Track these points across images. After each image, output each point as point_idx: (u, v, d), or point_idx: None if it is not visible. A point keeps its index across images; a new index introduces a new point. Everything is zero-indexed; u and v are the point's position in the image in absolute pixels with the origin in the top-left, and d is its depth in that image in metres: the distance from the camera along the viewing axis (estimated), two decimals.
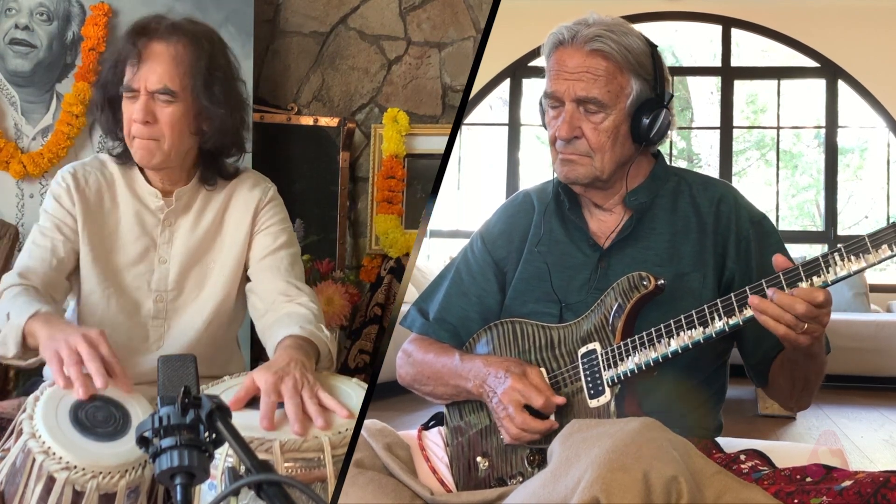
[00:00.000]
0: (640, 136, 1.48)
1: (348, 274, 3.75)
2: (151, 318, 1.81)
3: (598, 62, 1.44)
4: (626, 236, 1.51)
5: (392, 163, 3.76)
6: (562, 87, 1.46)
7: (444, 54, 3.94)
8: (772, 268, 1.30)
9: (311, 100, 3.93)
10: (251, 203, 1.86)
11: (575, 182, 1.51)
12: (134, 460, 1.40)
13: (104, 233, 1.80)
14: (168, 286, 1.82)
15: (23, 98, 3.32)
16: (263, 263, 1.84)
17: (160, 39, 1.73)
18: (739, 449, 1.44)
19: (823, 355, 1.41)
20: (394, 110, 3.78)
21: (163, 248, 1.82)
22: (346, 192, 3.79)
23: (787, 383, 1.46)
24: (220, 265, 1.84)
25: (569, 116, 1.46)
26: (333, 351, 1.69)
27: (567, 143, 1.47)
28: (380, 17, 3.94)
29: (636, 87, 1.46)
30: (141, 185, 1.82)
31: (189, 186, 1.83)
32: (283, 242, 1.86)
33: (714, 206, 1.51)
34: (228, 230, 1.86)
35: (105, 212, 1.81)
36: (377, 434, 1.51)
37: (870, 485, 1.15)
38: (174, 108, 1.72)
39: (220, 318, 1.85)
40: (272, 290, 1.80)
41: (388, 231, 3.75)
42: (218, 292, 1.84)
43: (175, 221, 1.83)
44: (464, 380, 1.50)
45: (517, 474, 1.46)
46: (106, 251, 1.80)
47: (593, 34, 1.44)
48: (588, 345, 1.43)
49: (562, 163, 1.49)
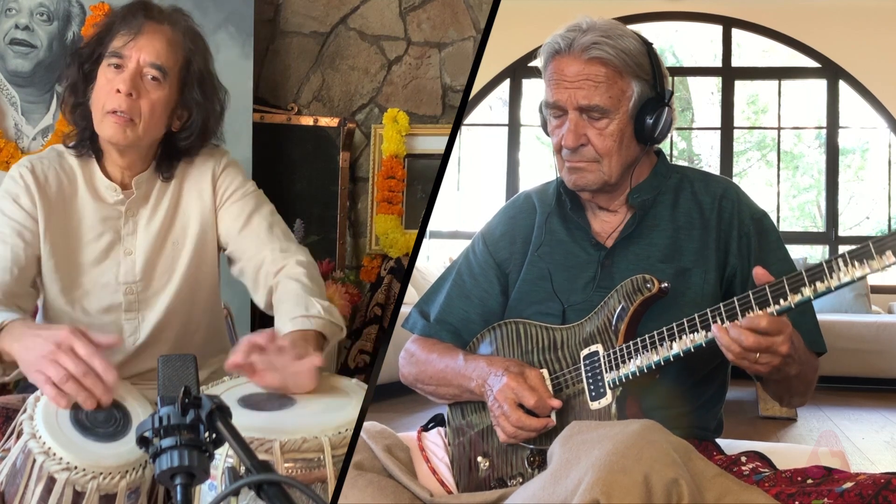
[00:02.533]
0: (645, 136, 1.48)
1: (348, 274, 3.75)
2: (124, 312, 1.75)
3: (598, 69, 1.44)
4: (630, 234, 1.51)
5: (392, 163, 3.76)
6: (563, 96, 1.45)
7: (444, 54, 3.93)
8: (770, 266, 1.30)
9: (312, 100, 3.93)
10: (206, 175, 1.78)
11: (584, 189, 1.50)
12: (134, 461, 1.39)
13: (66, 231, 1.72)
14: (136, 277, 1.75)
15: (23, 98, 3.32)
16: (241, 238, 1.77)
17: (162, 20, 1.70)
18: (740, 451, 1.43)
19: (809, 368, 1.40)
20: (394, 110, 3.78)
21: (127, 239, 1.75)
22: (346, 192, 3.79)
23: (777, 388, 1.47)
24: (186, 246, 1.78)
25: (573, 125, 1.45)
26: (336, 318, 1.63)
27: (573, 151, 1.47)
28: (380, 17, 3.94)
29: (637, 89, 1.46)
30: (99, 179, 1.74)
31: (147, 174, 1.76)
32: (251, 209, 1.78)
33: (716, 202, 1.51)
34: (189, 208, 1.78)
35: (66, 209, 1.72)
36: (377, 436, 1.50)
37: (871, 487, 1.15)
38: (160, 91, 1.67)
39: (197, 299, 1.79)
40: (260, 264, 1.74)
41: (388, 231, 3.75)
42: (187, 273, 1.77)
43: (137, 211, 1.76)
44: (467, 379, 1.50)
45: (517, 475, 1.46)
46: (68, 251, 1.72)
47: (590, 42, 1.43)
48: (590, 346, 1.43)
49: (570, 171, 1.49)
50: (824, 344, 1.46)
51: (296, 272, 1.71)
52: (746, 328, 1.25)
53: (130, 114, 1.65)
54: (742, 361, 1.28)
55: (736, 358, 1.28)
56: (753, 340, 1.25)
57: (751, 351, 1.26)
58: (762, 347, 1.25)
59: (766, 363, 1.27)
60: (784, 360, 1.27)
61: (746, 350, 1.26)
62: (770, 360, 1.27)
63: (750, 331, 1.25)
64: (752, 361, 1.27)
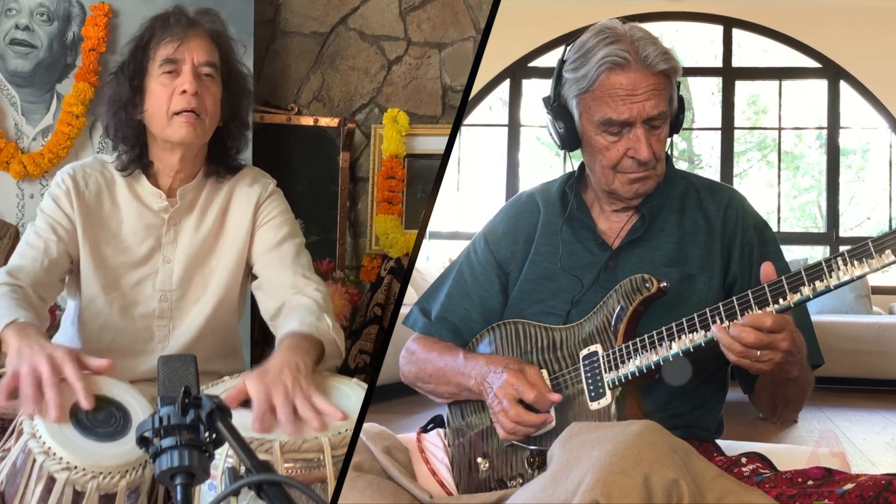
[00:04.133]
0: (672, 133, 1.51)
1: (348, 274, 3.75)
2: (156, 319, 1.80)
3: (663, 79, 1.46)
4: (637, 237, 1.51)
5: (392, 163, 3.76)
6: (632, 111, 1.44)
7: (444, 54, 3.93)
8: (769, 275, 1.29)
9: (312, 100, 3.93)
10: (252, 198, 1.85)
11: (644, 195, 1.51)
12: (134, 460, 1.39)
13: (105, 236, 1.79)
14: (173, 286, 1.81)
15: (23, 98, 3.32)
16: (268, 258, 1.83)
17: (200, 23, 1.77)
18: (740, 452, 1.43)
19: (806, 375, 1.40)
20: (394, 110, 3.78)
21: (167, 247, 1.81)
22: (346, 192, 3.79)
23: (769, 399, 1.46)
24: (222, 263, 1.84)
25: (645, 138, 1.45)
26: (340, 342, 1.66)
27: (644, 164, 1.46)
28: (380, 17, 3.94)
29: (673, 91, 1.49)
30: (144, 185, 1.81)
31: (193, 184, 1.82)
32: (285, 234, 1.85)
33: (722, 210, 1.52)
34: (231, 227, 1.85)
35: (105, 214, 1.80)
36: (376, 437, 1.50)
37: (872, 488, 1.15)
38: (216, 86, 1.76)
39: (223, 315, 1.85)
40: (281, 285, 1.78)
41: (388, 231, 3.75)
42: (220, 290, 1.83)
43: (179, 221, 1.82)
44: (466, 378, 1.50)
45: (517, 476, 1.46)
46: (108, 255, 1.79)
47: (660, 54, 1.44)
48: (590, 347, 1.43)
49: (632, 181, 1.49)
50: (821, 356, 1.47)
51: (315, 295, 1.75)
52: (749, 326, 1.25)
53: (198, 111, 1.73)
54: (743, 360, 1.27)
55: (737, 357, 1.27)
56: (755, 337, 1.24)
57: (752, 348, 1.25)
58: (763, 344, 1.25)
59: (767, 360, 1.26)
60: (785, 356, 1.27)
61: (748, 347, 1.25)
62: (772, 356, 1.26)
63: (751, 328, 1.24)
64: (753, 360, 1.26)
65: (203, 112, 1.73)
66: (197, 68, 1.73)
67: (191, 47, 1.73)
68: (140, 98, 1.75)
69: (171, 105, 1.72)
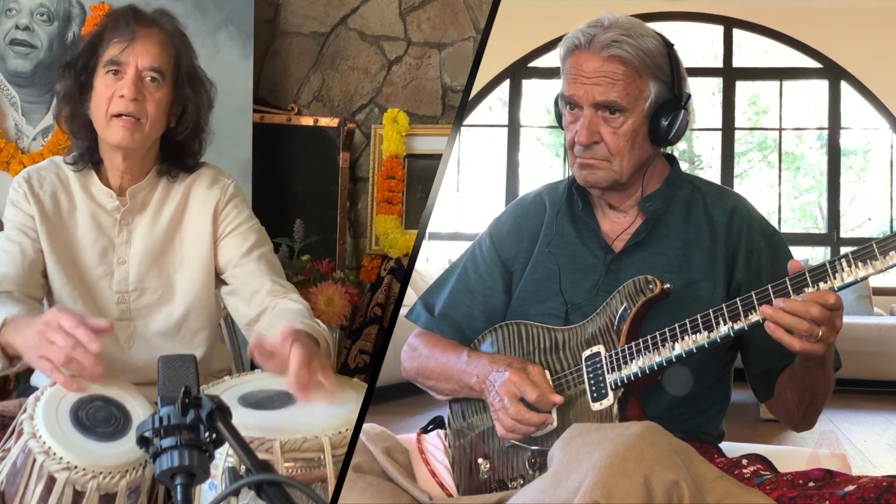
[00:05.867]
0: (659, 137, 1.48)
1: (348, 274, 3.74)
2: (117, 320, 1.78)
3: (616, 66, 1.43)
4: (639, 241, 1.51)
5: (392, 163, 3.76)
6: (580, 91, 1.45)
7: (444, 55, 3.93)
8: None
9: (312, 100, 3.93)
10: (210, 202, 1.83)
11: (594, 185, 1.50)
12: (134, 460, 1.40)
13: (64, 236, 1.79)
14: (129, 286, 1.80)
15: (23, 98, 3.32)
16: (241, 269, 1.82)
17: (151, 24, 1.76)
18: (741, 453, 1.43)
19: (832, 368, 1.39)
20: (394, 111, 3.78)
21: (121, 248, 1.80)
22: (346, 192, 3.79)
23: (795, 397, 1.44)
24: (185, 267, 1.82)
25: (587, 122, 1.45)
26: (332, 345, 1.68)
27: (586, 148, 1.46)
28: (380, 17, 3.94)
29: (654, 90, 1.45)
30: (96, 185, 1.80)
31: (144, 183, 1.81)
32: (253, 243, 1.84)
33: (727, 216, 1.51)
34: (189, 230, 1.83)
35: (63, 214, 1.79)
36: (376, 438, 1.50)
37: (873, 489, 1.14)
38: (161, 91, 1.74)
39: (195, 320, 1.83)
40: (259, 292, 1.79)
41: (388, 231, 3.75)
42: (187, 295, 1.82)
43: (132, 220, 1.81)
44: (469, 375, 1.50)
45: (518, 477, 1.45)
46: (68, 253, 1.78)
47: (610, 39, 1.43)
48: (592, 347, 1.43)
49: (580, 167, 1.49)
50: (839, 359, 1.45)
51: (301, 302, 1.77)
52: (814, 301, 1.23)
53: (137, 115, 1.71)
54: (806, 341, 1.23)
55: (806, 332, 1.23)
56: (820, 312, 1.22)
57: (817, 323, 1.23)
58: (826, 319, 1.23)
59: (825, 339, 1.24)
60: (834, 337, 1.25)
61: (813, 323, 1.22)
62: (829, 335, 1.24)
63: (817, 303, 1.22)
64: (815, 339, 1.24)
65: (143, 116, 1.72)
66: (140, 72, 1.72)
67: (137, 50, 1.72)
68: (87, 95, 1.75)
69: (109, 107, 1.72)
